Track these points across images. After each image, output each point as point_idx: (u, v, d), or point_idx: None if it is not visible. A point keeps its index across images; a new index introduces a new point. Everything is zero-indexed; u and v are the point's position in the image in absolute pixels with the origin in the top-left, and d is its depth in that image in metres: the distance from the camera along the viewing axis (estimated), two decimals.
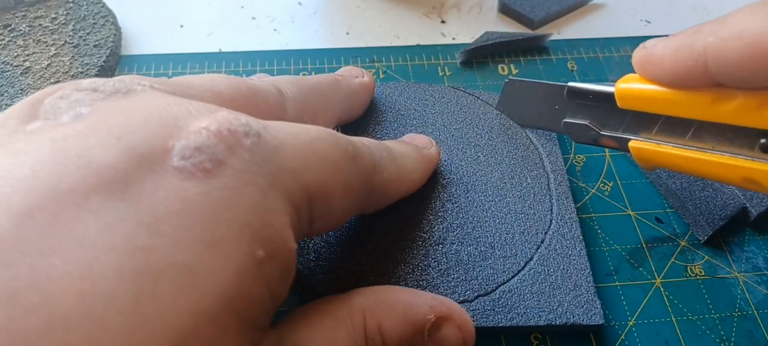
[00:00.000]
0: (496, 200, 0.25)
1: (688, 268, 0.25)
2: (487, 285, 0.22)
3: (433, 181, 0.25)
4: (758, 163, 0.19)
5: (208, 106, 0.16)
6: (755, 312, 0.24)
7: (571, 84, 0.24)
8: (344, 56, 0.34)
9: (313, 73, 0.33)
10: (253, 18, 0.37)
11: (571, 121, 0.25)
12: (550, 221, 0.25)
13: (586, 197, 0.28)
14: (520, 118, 0.28)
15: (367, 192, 0.19)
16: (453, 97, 0.30)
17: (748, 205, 0.26)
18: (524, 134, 0.28)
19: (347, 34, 0.36)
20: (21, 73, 0.30)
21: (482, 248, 0.23)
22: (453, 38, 0.36)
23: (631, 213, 0.27)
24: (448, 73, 0.33)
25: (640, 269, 0.25)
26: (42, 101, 0.15)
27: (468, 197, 0.25)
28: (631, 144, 0.23)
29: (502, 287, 0.22)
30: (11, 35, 0.32)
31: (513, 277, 0.23)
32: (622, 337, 0.23)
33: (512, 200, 0.25)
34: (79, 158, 0.13)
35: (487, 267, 0.23)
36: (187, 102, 0.15)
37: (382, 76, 0.33)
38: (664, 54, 0.20)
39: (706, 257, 0.26)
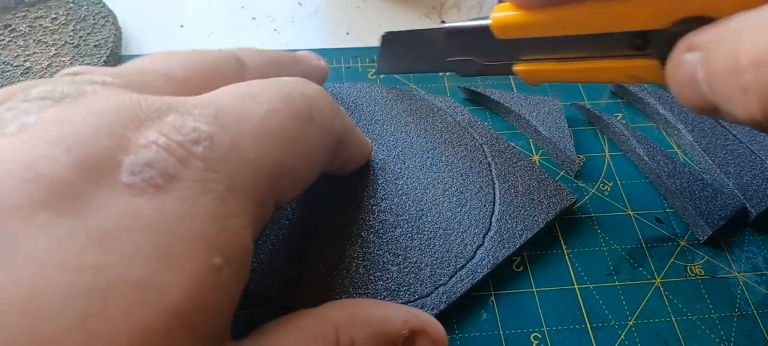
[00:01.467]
0: (442, 193, 0.26)
1: (688, 268, 0.25)
2: (442, 276, 0.23)
3: (378, 178, 0.26)
4: (637, 60, 0.20)
5: (157, 108, 0.15)
6: (755, 312, 0.24)
7: (447, 25, 0.25)
8: (344, 56, 0.34)
9: None
10: (253, 18, 0.37)
11: (455, 59, 0.25)
12: (494, 205, 0.25)
13: (586, 197, 0.28)
14: (403, 68, 0.29)
15: (331, 145, 0.19)
16: (402, 97, 0.30)
17: (748, 205, 0.26)
18: (466, 130, 0.28)
19: (347, 34, 0.36)
20: (21, 73, 0.30)
21: (434, 242, 0.24)
22: None
23: (631, 213, 0.27)
24: (447, 73, 0.33)
25: (640, 269, 0.25)
26: None
27: (414, 193, 0.25)
28: (516, 68, 0.23)
29: (460, 272, 0.23)
30: (11, 35, 0.32)
31: (468, 261, 0.24)
32: (622, 337, 0.23)
33: (457, 192, 0.26)
34: (27, 171, 0.12)
35: (441, 258, 0.23)
36: (136, 103, 0.15)
37: (381, 76, 0.33)
38: None
39: (706, 257, 0.26)
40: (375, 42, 0.36)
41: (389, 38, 0.28)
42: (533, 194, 0.26)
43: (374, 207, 0.25)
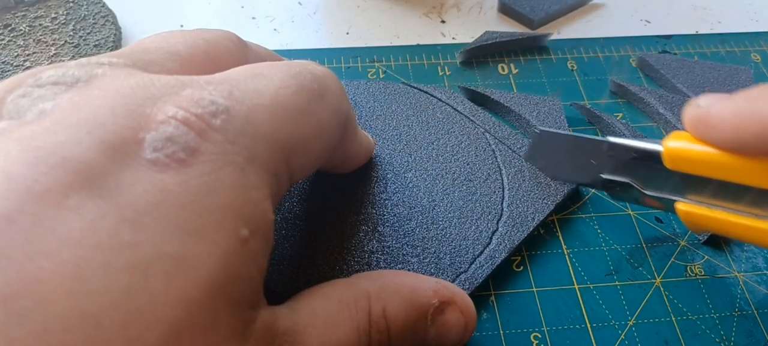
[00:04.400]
0: (452, 183, 0.26)
1: (688, 268, 0.25)
2: (462, 263, 0.23)
3: (386, 173, 0.26)
4: None
5: (171, 85, 0.15)
6: (755, 312, 0.24)
7: (611, 139, 0.23)
8: (344, 56, 0.34)
9: None
10: (253, 18, 0.37)
11: (611, 178, 0.23)
12: (504, 191, 0.26)
13: (586, 197, 0.28)
14: (552, 171, 0.26)
15: (340, 124, 0.19)
16: (401, 92, 0.30)
17: None
18: (467, 119, 0.28)
19: (347, 34, 0.36)
20: (21, 73, 0.30)
21: (449, 231, 0.24)
22: (453, 38, 0.36)
23: (631, 213, 0.27)
24: (448, 73, 0.33)
25: (640, 268, 0.25)
26: (3, 100, 0.14)
27: (424, 185, 0.26)
28: (679, 206, 0.21)
29: (479, 258, 0.24)
30: (11, 35, 0.32)
31: (485, 247, 0.24)
32: (622, 337, 0.23)
33: (466, 180, 0.26)
34: (52, 156, 0.13)
35: (458, 246, 0.24)
36: (149, 82, 0.15)
37: (382, 75, 0.33)
38: (723, 116, 0.19)
39: (706, 257, 0.26)
40: (375, 42, 0.36)
41: (542, 136, 0.26)
42: (540, 178, 0.26)
43: (387, 202, 0.25)
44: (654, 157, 0.21)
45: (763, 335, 0.23)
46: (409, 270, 0.23)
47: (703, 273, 0.25)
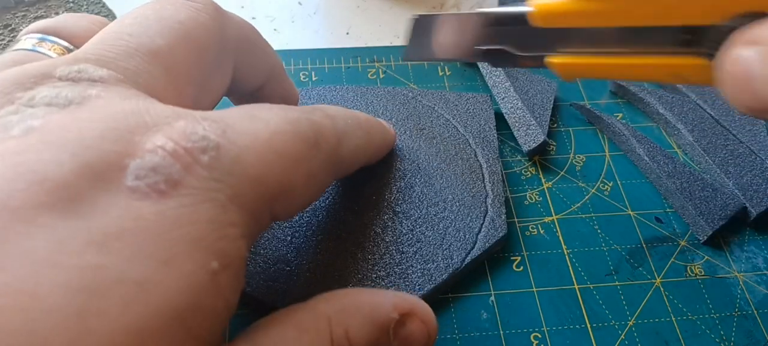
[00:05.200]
0: (435, 197, 0.26)
1: (688, 268, 0.25)
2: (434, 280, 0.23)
3: (377, 178, 0.26)
4: (683, 58, 0.19)
5: (166, 115, 0.15)
6: (755, 312, 0.24)
7: (482, 10, 0.24)
8: (344, 56, 0.34)
9: (313, 73, 0.33)
10: (253, 18, 0.37)
11: (486, 47, 0.24)
12: (486, 210, 0.26)
13: (586, 197, 0.28)
14: (430, 55, 0.27)
15: (334, 169, 0.19)
16: (389, 96, 0.30)
17: (748, 205, 0.26)
18: (458, 130, 0.28)
19: (347, 34, 0.36)
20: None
21: (424, 248, 0.24)
22: None
23: (631, 213, 0.27)
24: (448, 73, 0.33)
25: (640, 268, 0.25)
26: None
27: (409, 194, 0.26)
28: (550, 59, 0.22)
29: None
30: (11, 35, 0.32)
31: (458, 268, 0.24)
32: (622, 337, 0.23)
33: (450, 195, 0.26)
34: (31, 173, 0.13)
35: (427, 265, 0.24)
36: (144, 109, 0.15)
37: (382, 75, 0.33)
38: None
39: (706, 257, 0.26)
40: (375, 42, 0.36)
41: (419, 22, 0.26)
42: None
43: (379, 205, 0.25)
44: (521, 19, 0.22)
45: (763, 335, 0.23)
46: (402, 268, 0.23)
47: (703, 273, 0.25)
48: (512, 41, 0.23)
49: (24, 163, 0.13)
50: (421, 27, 0.26)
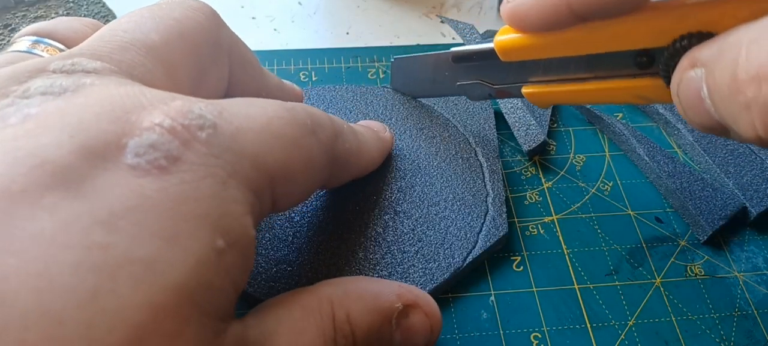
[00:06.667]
0: (435, 196, 0.26)
1: (688, 268, 0.25)
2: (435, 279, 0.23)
3: (377, 178, 0.26)
4: (643, 79, 0.20)
5: (161, 96, 0.15)
6: (755, 312, 0.24)
7: (454, 50, 0.25)
8: (344, 56, 0.34)
9: (313, 73, 0.33)
10: (253, 18, 0.37)
11: (464, 83, 0.26)
12: (487, 209, 0.25)
13: (586, 197, 0.28)
14: (414, 91, 0.29)
15: (330, 162, 0.20)
16: (388, 96, 0.30)
17: (748, 205, 0.26)
18: (457, 130, 0.28)
19: (347, 34, 0.36)
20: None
21: (425, 248, 0.24)
22: (453, 38, 0.36)
23: (631, 213, 0.27)
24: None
25: (640, 268, 0.25)
26: None
27: (410, 194, 0.26)
28: (523, 90, 0.23)
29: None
30: (11, 35, 0.32)
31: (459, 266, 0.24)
32: (622, 337, 0.23)
33: (451, 194, 0.26)
34: (31, 157, 0.13)
35: (430, 264, 0.24)
36: (140, 92, 0.15)
37: (382, 75, 0.33)
38: (528, 5, 0.20)
39: (706, 257, 0.26)
40: (375, 42, 0.36)
41: (398, 64, 0.28)
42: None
43: (380, 205, 0.25)
44: (491, 54, 0.23)
45: (763, 335, 0.23)
46: (405, 267, 0.23)
47: (703, 273, 0.25)
48: (486, 75, 0.25)
49: (23, 147, 0.13)
50: (401, 68, 0.29)
